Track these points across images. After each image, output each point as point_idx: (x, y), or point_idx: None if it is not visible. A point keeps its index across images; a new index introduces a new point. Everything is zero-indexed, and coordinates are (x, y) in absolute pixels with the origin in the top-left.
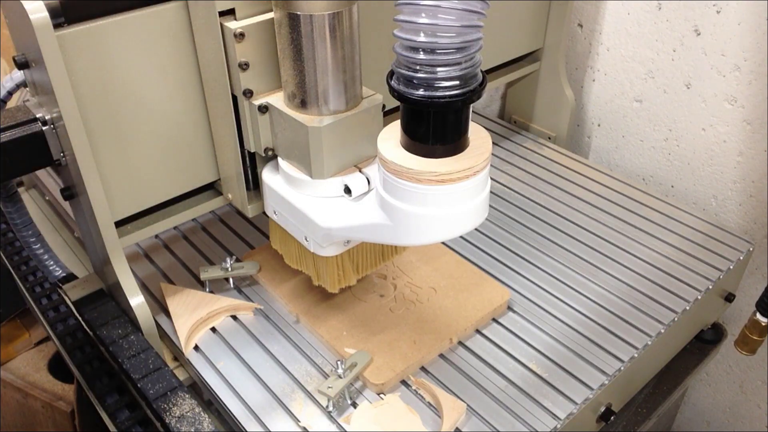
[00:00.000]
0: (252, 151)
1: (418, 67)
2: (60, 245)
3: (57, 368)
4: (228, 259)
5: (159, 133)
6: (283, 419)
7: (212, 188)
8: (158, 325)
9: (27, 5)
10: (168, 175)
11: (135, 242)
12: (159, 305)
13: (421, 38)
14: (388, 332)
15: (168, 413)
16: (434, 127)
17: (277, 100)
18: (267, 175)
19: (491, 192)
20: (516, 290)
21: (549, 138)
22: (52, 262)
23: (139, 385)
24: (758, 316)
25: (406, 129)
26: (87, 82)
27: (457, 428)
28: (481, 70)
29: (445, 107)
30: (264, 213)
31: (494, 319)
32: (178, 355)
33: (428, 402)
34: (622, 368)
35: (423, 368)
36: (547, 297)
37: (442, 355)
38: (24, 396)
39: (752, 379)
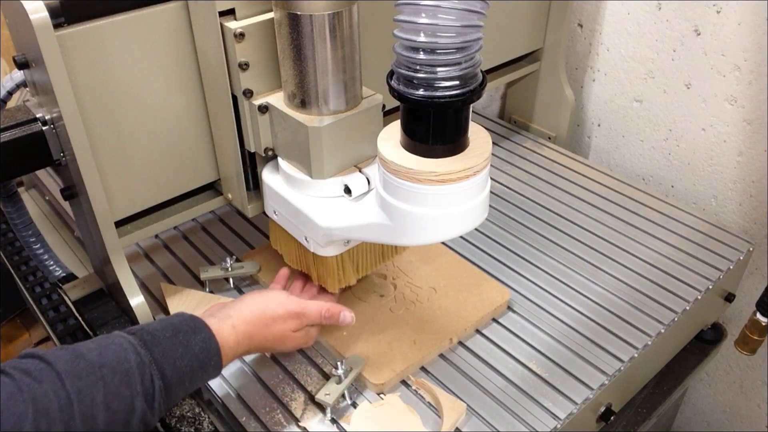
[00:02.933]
0: (252, 151)
1: (418, 67)
2: (60, 245)
3: None
4: (228, 259)
5: (159, 133)
6: (283, 419)
7: (212, 188)
8: None
9: (27, 5)
10: (168, 175)
11: (135, 242)
12: (159, 305)
13: (421, 38)
14: (388, 332)
15: (168, 413)
16: (434, 127)
17: (277, 100)
18: (267, 175)
19: (491, 192)
20: (516, 290)
21: (549, 138)
22: (52, 262)
23: None
24: (758, 316)
25: (406, 129)
26: (87, 82)
27: (457, 428)
28: (481, 70)
29: (445, 107)
30: (264, 213)
31: (494, 319)
32: None
33: (428, 402)
34: (622, 368)
35: (423, 368)
36: (547, 297)
37: (442, 355)
38: None
39: (752, 379)
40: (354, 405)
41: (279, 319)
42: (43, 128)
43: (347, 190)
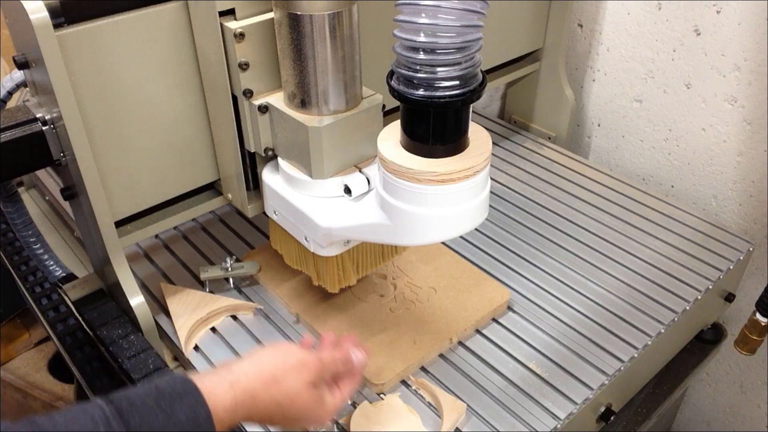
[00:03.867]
0: (252, 151)
1: (418, 67)
2: (60, 245)
3: (57, 368)
4: (228, 259)
5: (159, 133)
6: None
7: (212, 188)
8: (158, 325)
9: (27, 5)
10: (168, 175)
11: (135, 242)
12: (159, 305)
13: (421, 38)
14: (388, 332)
15: None
16: (434, 127)
17: (277, 100)
18: (267, 175)
19: (491, 192)
20: (516, 290)
21: (549, 138)
22: (52, 262)
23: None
24: (758, 316)
25: (406, 129)
26: (87, 82)
27: (457, 428)
28: (481, 70)
29: (445, 107)
30: (264, 213)
31: (494, 319)
32: (178, 355)
33: (428, 402)
34: (622, 368)
35: (423, 368)
36: (547, 297)
37: (442, 355)
38: (24, 396)
39: (752, 379)
40: (354, 405)
41: (291, 369)
42: (43, 128)
43: (347, 190)
